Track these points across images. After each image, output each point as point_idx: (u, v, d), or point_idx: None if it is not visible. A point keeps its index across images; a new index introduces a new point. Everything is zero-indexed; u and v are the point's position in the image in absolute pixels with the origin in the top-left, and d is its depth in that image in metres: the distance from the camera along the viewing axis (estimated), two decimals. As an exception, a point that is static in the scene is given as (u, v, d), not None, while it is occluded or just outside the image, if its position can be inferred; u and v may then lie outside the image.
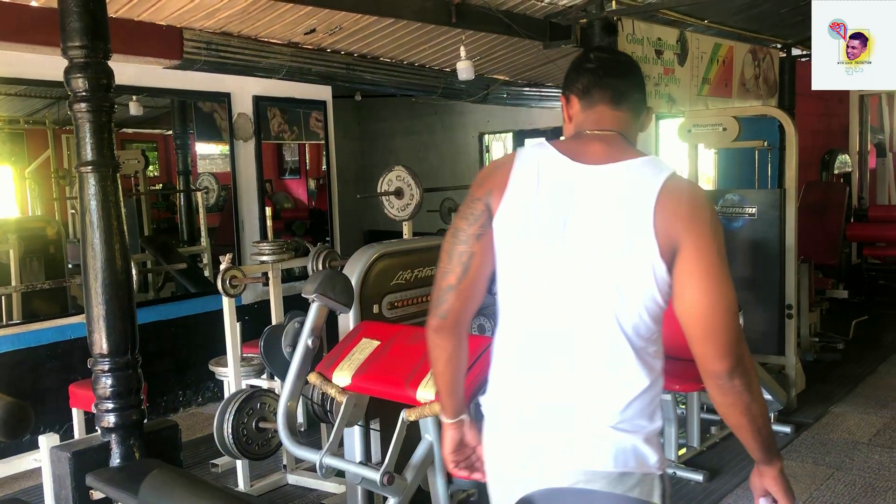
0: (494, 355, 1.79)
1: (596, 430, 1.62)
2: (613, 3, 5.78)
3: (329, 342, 3.48)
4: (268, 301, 4.43)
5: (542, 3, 5.75)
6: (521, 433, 1.69)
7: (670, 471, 4.18)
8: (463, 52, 5.73)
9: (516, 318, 1.74)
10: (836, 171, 9.09)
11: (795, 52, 8.66)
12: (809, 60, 8.81)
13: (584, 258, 1.61)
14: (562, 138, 1.79)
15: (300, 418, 4.88)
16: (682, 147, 7.66)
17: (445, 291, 1.76)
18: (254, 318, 5.65)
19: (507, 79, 7.79)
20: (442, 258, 1.77)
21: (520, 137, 10.98)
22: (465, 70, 5.71)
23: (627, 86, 1.75)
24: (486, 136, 11.32)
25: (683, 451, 4.40)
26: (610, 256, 1.58)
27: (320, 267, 4.58)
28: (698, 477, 4.13)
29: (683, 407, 4.61)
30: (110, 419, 2.95)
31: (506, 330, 1.77)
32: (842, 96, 9.86)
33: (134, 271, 3.19)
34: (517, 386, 1.71)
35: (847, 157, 9.40)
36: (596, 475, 1.60)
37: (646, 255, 1.56)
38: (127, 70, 4.85)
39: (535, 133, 10.75)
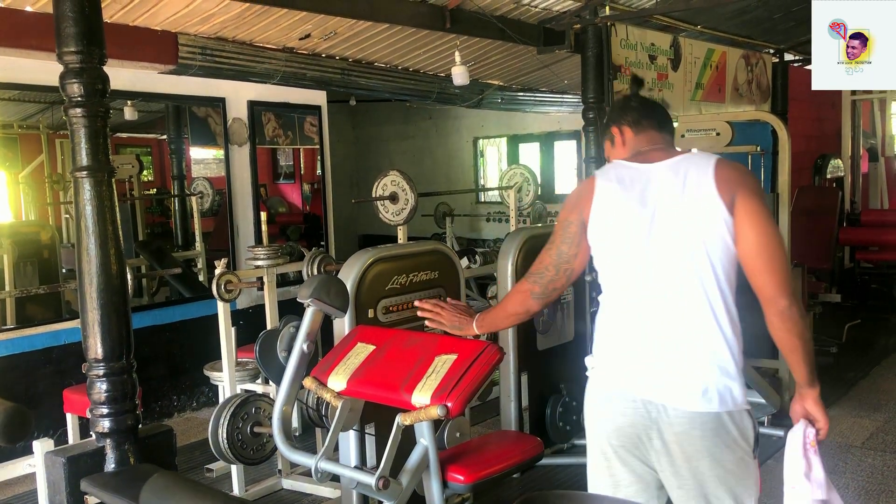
0: (602, 325, 2.25)
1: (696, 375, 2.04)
2: (607, 8, 5.80)
3: (324, 347, 3.48)
4: (263, 306, 4.43)
5: (536, 9, 5.77)
6: (637, 381, 2.12)
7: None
8: (457, 58, 5.74)
9: (620, 292, 2.18)
10: (828, 176, 9.13)
11: (788, 57, 8.70)
12: (802, 65, 8.89)
13: (671, 230, 2.07)
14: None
15: (295, 423, 4.87)
16: (676, 152, 7.69)
17: (552, 291, 2.35)
18: (249, 323, 5.65)
19: (501, 84, 7.81)
20: (549, 268, 2.33)
21: (514, 142, 11.01)
22: (459, 75, 5.73)
23: (664, 117, 2.34)
24: (481, 141, 11.35)
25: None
26: (691, 219, 2.04)
27: (315, 271, 4.59)
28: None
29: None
30: (105, 424, 2.94)
31: (612, 304, 2.22)
32: (834, 101, 9.92)
33: (129, 276, 3.19)
34: (628, 346, 2.15)
35: (840, 161, 9.45)
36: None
37: (716, 210, 2.02)
38: (122, 75, 4.85)
39: (530, 137, 10.78)
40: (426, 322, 2.59)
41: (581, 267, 2.30)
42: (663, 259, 2.08)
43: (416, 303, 2.58)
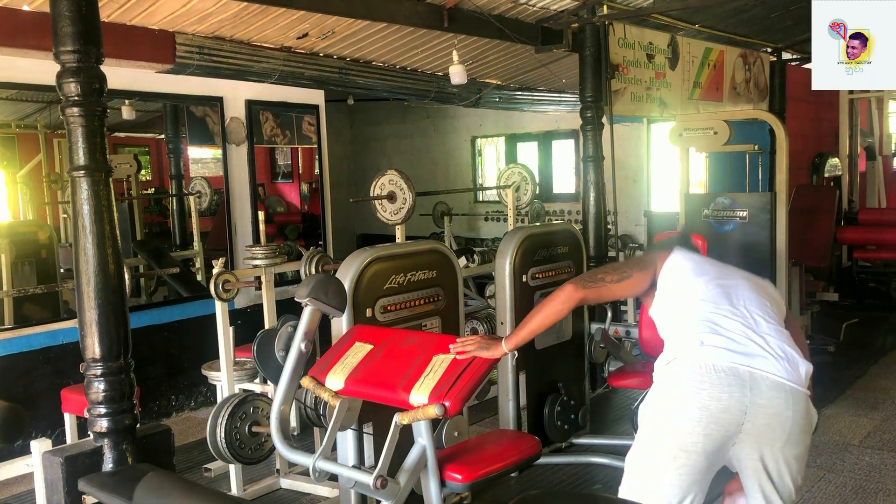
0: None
1: None
2: (605, 7, 5.81)
3: (322, 346, 3.48)
4: (261, 305, 4.43)
5: (534, 8, 5.77)
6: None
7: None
8: (455, 57, 5.74)
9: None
10: (826, 175, 9.14)
11: (786, 55, 8.70)
12: (800, 64, 8.90)
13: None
14: None
15: (293, 422, 4.88)
16: (674, 151, 7.70)
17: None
18: (247, 322, 5.64)
19: (499, 83, 7.81)
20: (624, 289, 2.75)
21: (512, 141, 11.00)
22: (457, 74, 5.73)
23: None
24: (479, 140, 11.34)
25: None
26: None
27: (313, 271, 4.58)
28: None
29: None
30: (103, 424, 2.94)
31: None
32: (832, 100, 9.92)
33: (126, 276, 3.18)
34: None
35: (837, 160, 9.45)
36: None
37: None
38: (119, 74, 4.84)
39: (528, 136, 10.78)
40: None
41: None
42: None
43: (455, 352, 2.71)
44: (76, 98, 2.85)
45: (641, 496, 2.37)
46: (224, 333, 4.11)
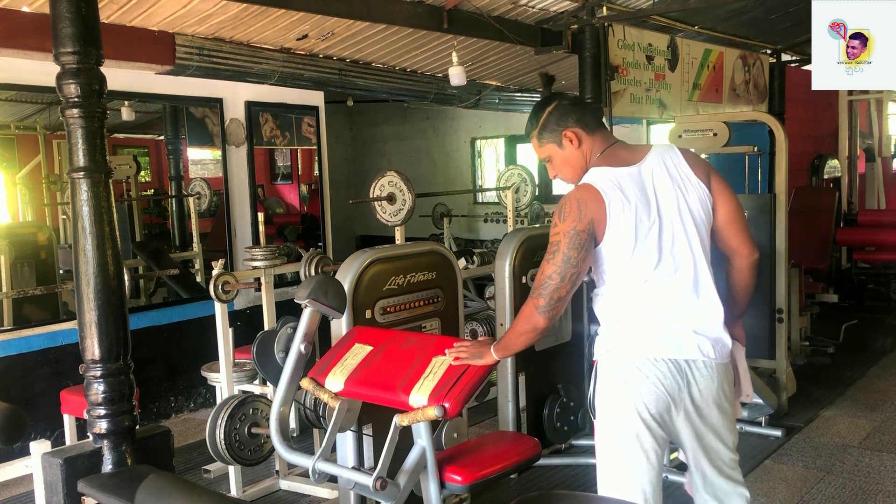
0: (622, 310, 2.47)
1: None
2: (604, 9, 5.81)
3: (321, 347, 3.48)
4: (260, 306, 4.43)
5: (534, 9, 5.77)
6: (672, 341, 2.42)
7: (662, 475, 4.20)
8: (455, 58, 5.74)
9: (638, 279, 2.43)
10: (825, 176, 9.13)
11: (785, 57, 8.71)
12: (799, 66, 8.91)
13: (674, 217, 2.42)
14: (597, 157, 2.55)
15: (293, 424, 4.88)
16: (673, 152, 7.68)
17: (557, 301, 2.39)
18: (246, 324, 5.64)
19: (498, 84, 7.81)
20: (553, 276, 2.37)
21: (512, 142, 11.00)
22: (456, 75, 5.73)
23: (594, 108, 2.77)
24: (479, 142, 11.34)
25: (675, 454, 4.41)
26: (686, 204, 2.43)
27: (313, 272, 4.58)
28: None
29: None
30: (102, 425, 2.94)
31: (641, 293, 2.44)
32: (831, 101, 9.92)
33: (126, 277, 3.18)
34: (657, 319, 2.42)
35: (836, 161, 9.46)
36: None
37: (702, 192, 2.46)
38: (119, 75, 4.85)
39: (528, 138, 10.76)
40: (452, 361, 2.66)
41: (584, 271, 2.43)
42: (677, 246, 2.43)
43: (451, 358, 2.66)
44: (76, 99, 2.85)
45: None
46: (223, 335, 4.11)
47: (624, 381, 2.41)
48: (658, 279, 2.41)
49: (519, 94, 8.28)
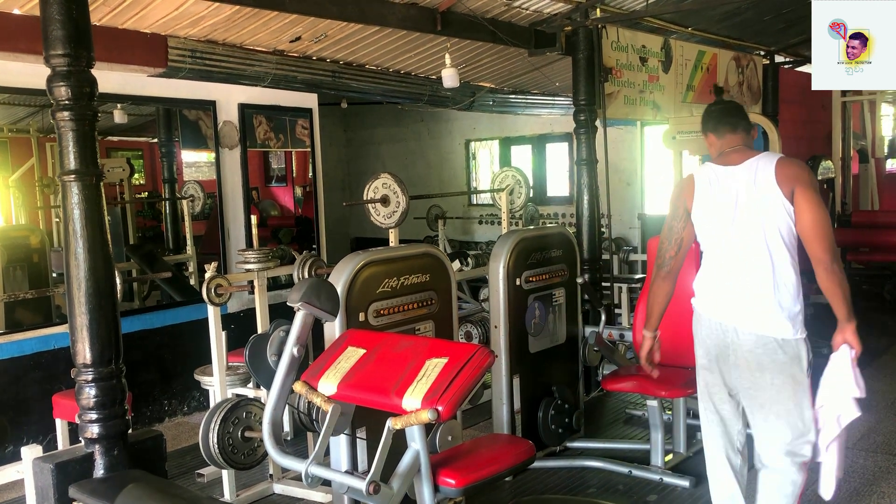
0: (703, 276, 3.18)
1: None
2: (598, 10, 5.82)
3: (315, 351, 3.47)
4: (253, 309, 4.42)
5: (527, 11, 5.77)
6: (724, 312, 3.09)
7: (656, 477, 4.20)
8: (448, 60, 5.74)
9: (714, 256, 3.11)
10: (819, 177, 9.15)
11: (779, 59, 8.73)
12: (793, 67, 8.93)
13: (745, 213, 2.98)
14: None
15: (286, 427, 4.86)
16: (667, 154, 7.70)
17: (668, 259, 3.20)
18: (239, 327, 5.63)
19: (492, 86, 7.81)
20: (663, 241, 3.22)
21: (506, 144, 11.01)
22: (450, 77, 5.72)
23: (738, 117, 3.17)
24: (473, 144, 11.35)
25: (670, 457, 4.41)
26: (759, 205, 2.95)
27: (306, 275, 4.56)
28: (685, 483, 4.13)
29: (670, 413, 4.62)
30: (94, 430, 2.93)
31: (708, 262, 3.16)
32: (825, 103, 9.95)
33: (118, 280, 3.17)
34: (719, 289, 3.10)
35: (830, 163, 9.48)
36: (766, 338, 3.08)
37: (777, 198, 2.92)
38: (111, 78, 4.83)
39: (522, 140, 10.78)
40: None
41: (689, 238, 3.17)
42: (741, 232, 3.00)
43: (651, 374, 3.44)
44: (67, 102, 2.84)
45: None
46: (216, 338, 4.09)
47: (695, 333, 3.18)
48: (718, 252, 3.07)
49: (513, 96, 8.28)
